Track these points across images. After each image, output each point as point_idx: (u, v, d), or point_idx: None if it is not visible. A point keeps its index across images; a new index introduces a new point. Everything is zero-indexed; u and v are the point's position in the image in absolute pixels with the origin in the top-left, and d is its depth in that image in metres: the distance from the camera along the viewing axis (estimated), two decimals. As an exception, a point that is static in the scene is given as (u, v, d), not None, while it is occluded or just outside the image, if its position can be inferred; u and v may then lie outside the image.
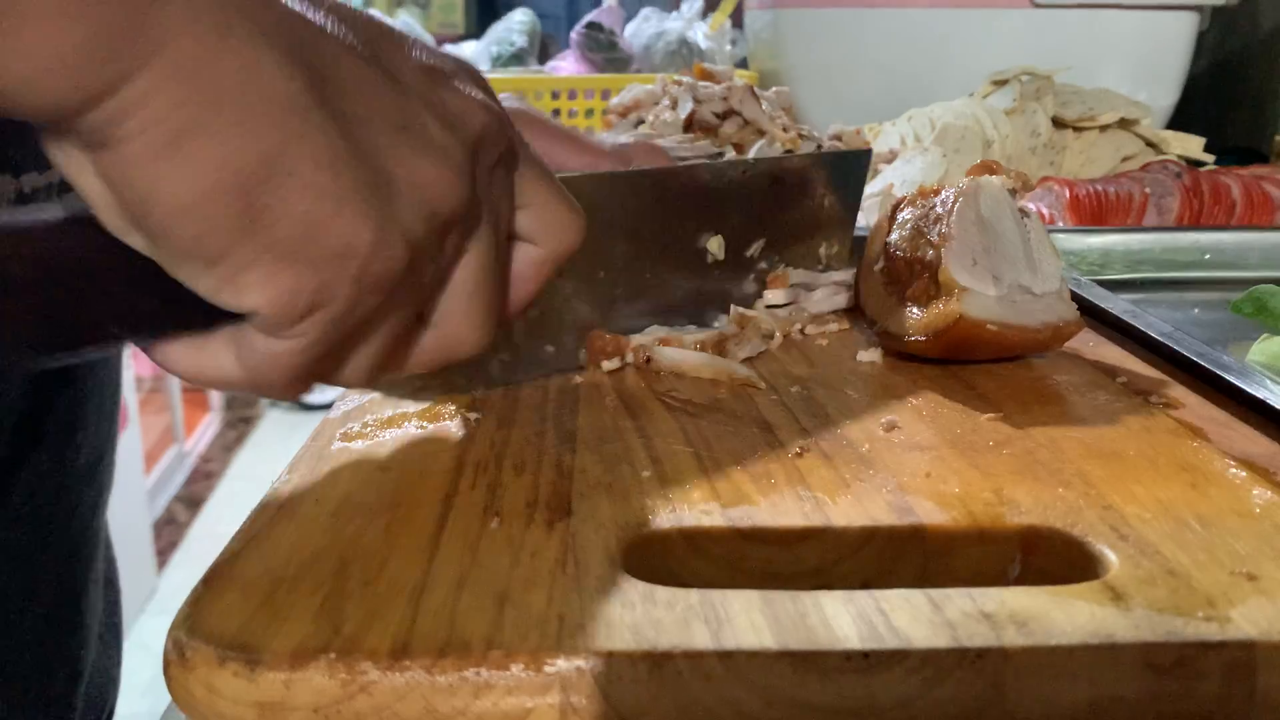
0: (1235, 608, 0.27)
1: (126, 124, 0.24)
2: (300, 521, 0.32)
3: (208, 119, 0.24)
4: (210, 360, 0.30)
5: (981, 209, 0.47)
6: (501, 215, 0.33)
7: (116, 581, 0.59)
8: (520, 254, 0.35)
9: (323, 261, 0.27)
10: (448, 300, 0.32)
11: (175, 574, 2.58)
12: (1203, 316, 0.60)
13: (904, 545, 0.32)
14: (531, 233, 0.34)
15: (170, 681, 0.26)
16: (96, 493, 0.53)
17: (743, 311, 0.50)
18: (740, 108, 0.92)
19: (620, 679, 0.25)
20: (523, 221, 0.34)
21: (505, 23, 1.67)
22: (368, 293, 0.28)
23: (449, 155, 0.29)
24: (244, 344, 0.29)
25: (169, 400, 3.15)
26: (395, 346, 0.32)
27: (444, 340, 0.33)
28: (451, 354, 0.33)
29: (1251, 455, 0.37)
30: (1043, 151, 0.93)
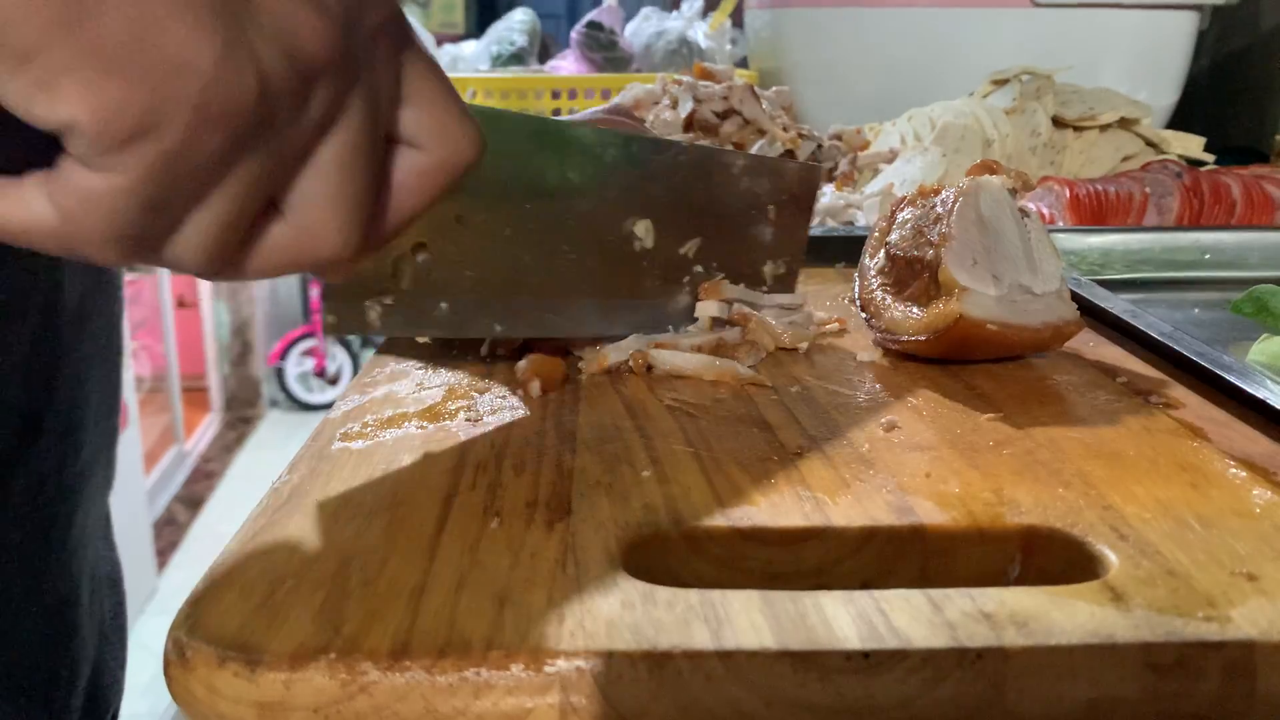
0: (1235, 608, 0.27)
1: None
2: (300, 522, 0.32)
3: None
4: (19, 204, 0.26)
5: (981, 209, 0.47)
6: (380, 94, 0.28)
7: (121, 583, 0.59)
8: (403, 159, 0.30)
9: (155, 74, 0.24)
10: (308, 180, 0.28)
11: (175, 574, 2.58)
12: (1203, 316, 0.60)
13: (904, 545, 0.32)
14: (417, 135, 0.30)
15: (170, 681, 0.26)
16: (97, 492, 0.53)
17: (746, 311, 0.50)
18: (740, 107, 0.92)
19: (620, 679, 0.25)
20: (408, 120, 0.30)
21: (505, 22, 1.67)
22: (207, 127, 0.24)
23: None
24: (59, 183, 0.25)
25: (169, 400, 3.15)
26: (239, 222, 0.27)
27: (301, 234, 0.28)
28: (309, 253, 0.28)
29: (1251, 455, 0.37)
30: (1043, 151, 0.93)
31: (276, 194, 0.27)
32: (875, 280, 0.50)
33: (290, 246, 0.28)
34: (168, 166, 0.25)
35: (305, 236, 0.28)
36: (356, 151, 0.28)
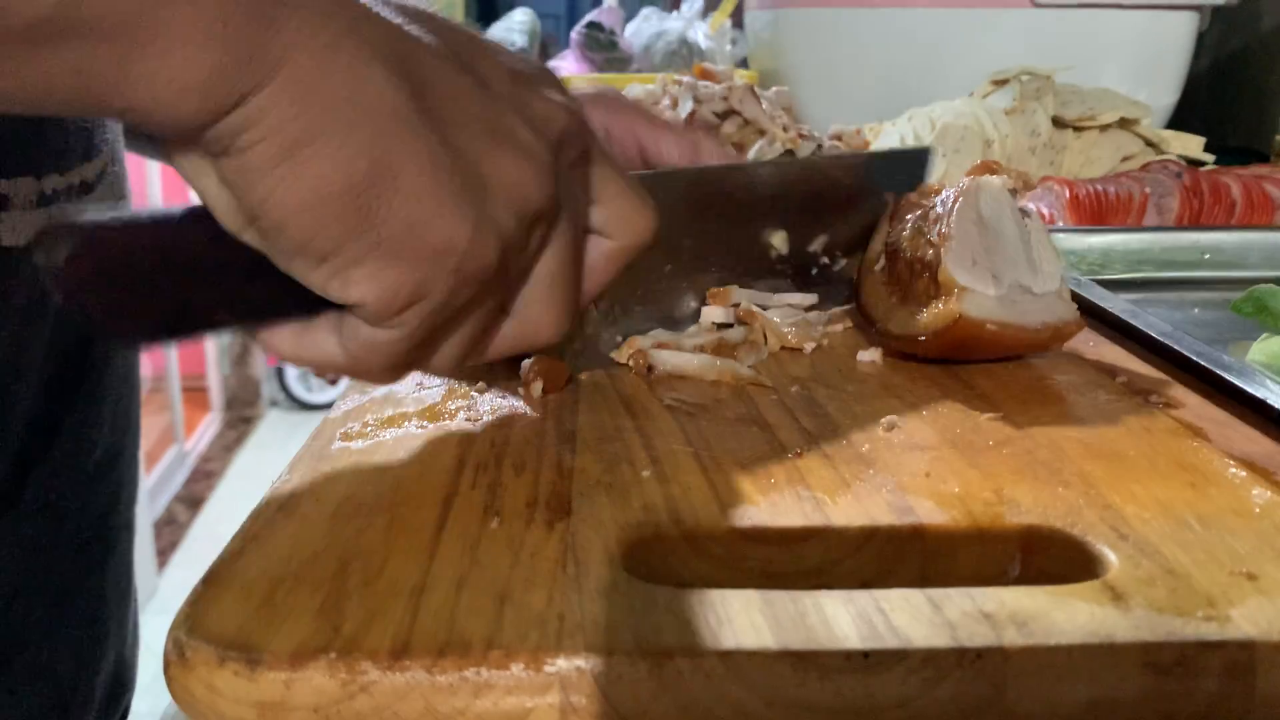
0: (1235, 608, 0.27)
1: (247, 135, 0.26)
2: (300, 521, 0.32)
3: (320, 129, 0.27)
4: (314, 345, 0.32)
5: (981, 209, 0.47)
6: (580, 210, 0.35)
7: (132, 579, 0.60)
8: (593, 246, 0.37)
9: (424, 258, 0.29)
10: (529, 290, 0.34)
11: (175, 574, 2.58)
12: (1203, 316, 0.60)
13: (904, 545, 0.32)
14: (605, 226, 0.36)
15: (170, 681, 0.26)
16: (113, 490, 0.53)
17: (752, 309, 0.50)
18: (740, 107, 0.92)
19: (620, 679, 0.25)
20: (597, 215, 0.36)
21: (505, 22, 1.67)
22: (463, 285, 0.30)
23: (535, 155, 0.31)
24: (347, 331, 0.31)
25: (169, 400, 3.15)
26: (482, 338, 0.34)
27: (524, 328, 0.35)
28: (529, 341, 0.35)
29: (1251, 455, 0.37)
30: (1043, 151, 0.93)
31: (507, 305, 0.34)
32: (875, 280, 0.50)
33: (515, 338, 0.35)
34: (433, 318, 0.31)
35: (528, 330, 0.35)
36: (565, 264, 0.34)
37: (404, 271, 0.29)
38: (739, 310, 0.50)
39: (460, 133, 0.30)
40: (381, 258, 0.29)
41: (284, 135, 0.26)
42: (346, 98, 0.27)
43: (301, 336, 0.32)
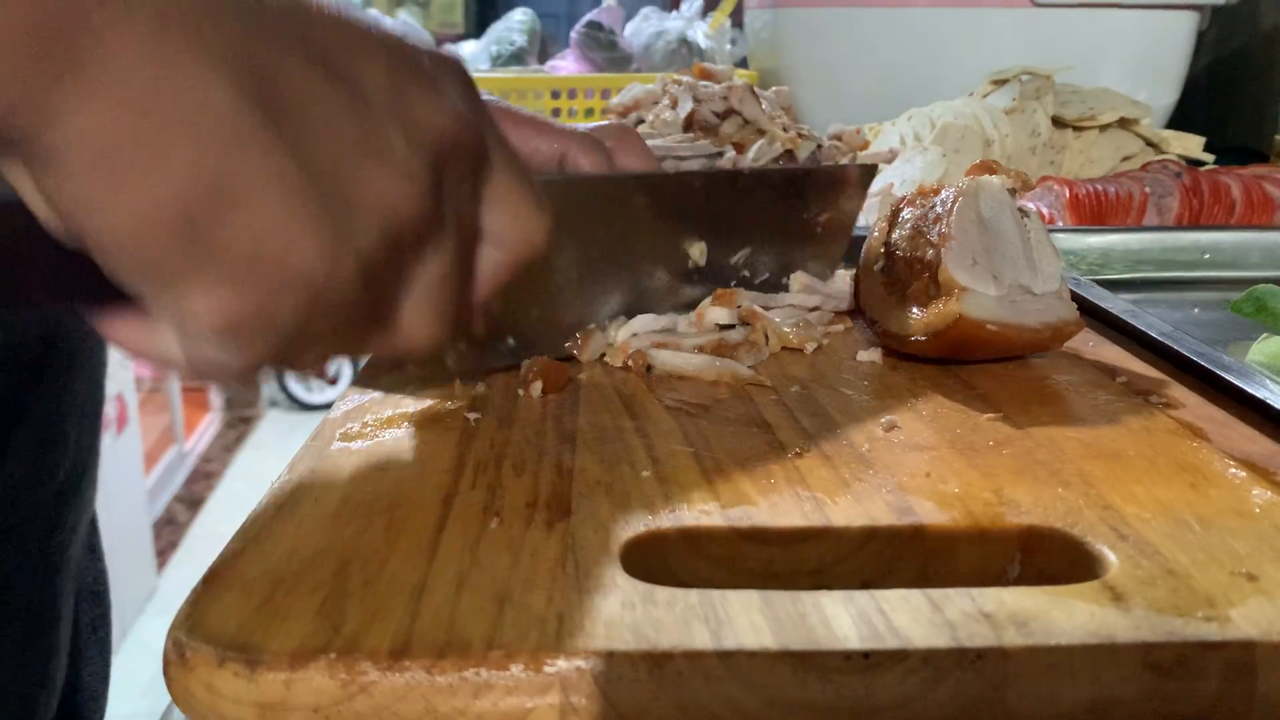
0: (1235, 608, 0.27)
1: (55, 134, 0.23)
2: (300, 521, 0.32)
3: (144, 140, 0.24)
4: (154, 341, 0.29)
5: (981, 209, 0.47)
6: (466, 223, 0.32)
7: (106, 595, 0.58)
8: (485, 252, 0.34)
9: (271, 284, 0.26)
10: (406, 301, 0.31)
11: (175, 574, 2.58)
12: (1203, 316, 0.60)
13: (904, 545, 0.32)
14: (493, 233, 0.33)
15: (170, 681, 0.26)
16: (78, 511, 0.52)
17: (754, 309, 0.50)
18: (740, 107, 0.92)
19: (620, 679, 0.25)
20: (488, 222, 0.33)
21: (505, 22, 1.67)
22: (318, 310, 0.27)
23: (409, 169, 0.28)
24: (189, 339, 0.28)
25: (169, 400, 3.15)
26: (349, 352, 0.32)
27: (399, 338, 0.32)
28: (403, 348, 0.32)
29: (1251, 455, 0.37)
30: (1043, 151, 0.93)
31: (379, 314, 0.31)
32: (875, 280, 0.50)
33: (388, 345, 0.32)
34: (281, 342, 0.28)
35: (403, 340, 0.32)
36: (445, 279, 0.31)
37: (246, 297, 0.26)
38: (741, 310, 0.50)
39: (320, 150, 0.26)
40: (220, 281, 0.26)
41: (97, 140, 0.23)
42: (179, 108, 0.24)
43: (144, 330, 0.29)
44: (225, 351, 0.28)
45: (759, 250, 0.53)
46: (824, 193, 0.54)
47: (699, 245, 0.50)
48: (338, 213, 0.27)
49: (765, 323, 0.49)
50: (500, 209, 0.33)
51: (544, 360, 0.45)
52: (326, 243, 0.27)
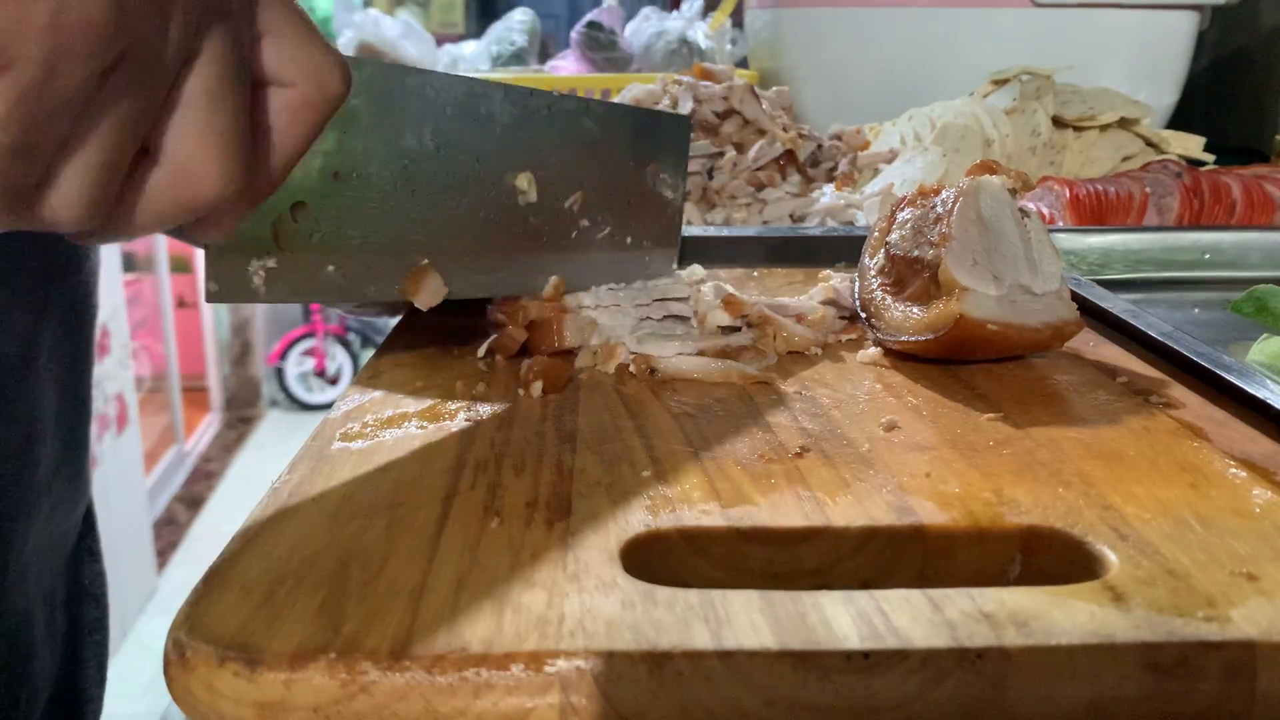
0: (1235, 608, 0.27)
1: None
2: (300, 521, 0.32)
3: None
4: None
5: (981, 209, 0.47)
6: (242, 24, 0.28)
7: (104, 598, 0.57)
8: (271, 98, 0.29)
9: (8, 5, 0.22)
10: (179, 117, 0.27)
11: (175, 574, 2.58)
12: (1203, 316, 0.60)
13: (904, 545, 0.32)
14: (282, 71, 0.29)
15: (170, 681, 0.26)
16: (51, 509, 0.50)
17: (765, 313, 0.50)
18: (740, 107, 0.92)
19: (620, 679, 0.25)
20: (270, 57, 0.29)
21: (505, 22, 1.67)
22: (67, 54, 0.23)
23: None
24: None
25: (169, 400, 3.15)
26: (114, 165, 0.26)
27: (177, 175, 0.27)
28: (188, 195, 0.27)
29: (1251, 455, 0.37)
30: (1043, 151, 0.93)
31: (148, 137, 0.27)
32: (875, 280, 0.50)
33: (169, 191, 0.27)
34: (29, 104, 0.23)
35: (182, 177, 0.27)
36: (223, 82, 0.27)
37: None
38: (752, 314, 0.49)
39: None
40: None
41: None
42: None
43: None
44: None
45: (593, 197, 0.50)
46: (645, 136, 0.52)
47: (526, 175, 0.47)
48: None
49: (776, 327, 0.49)
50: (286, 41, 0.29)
51: (544, 360, 0.45)
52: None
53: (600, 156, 0.50)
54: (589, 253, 0.50)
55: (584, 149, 0.49)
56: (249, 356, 3.79)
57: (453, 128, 0.44)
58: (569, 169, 0.49)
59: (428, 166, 0.43)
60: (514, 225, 0.47)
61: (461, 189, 0.45)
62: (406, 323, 0.54)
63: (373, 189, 0.42)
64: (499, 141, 0.46)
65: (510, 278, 0.48)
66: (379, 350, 0.50)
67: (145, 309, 3.11)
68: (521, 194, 0.47)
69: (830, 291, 0.55)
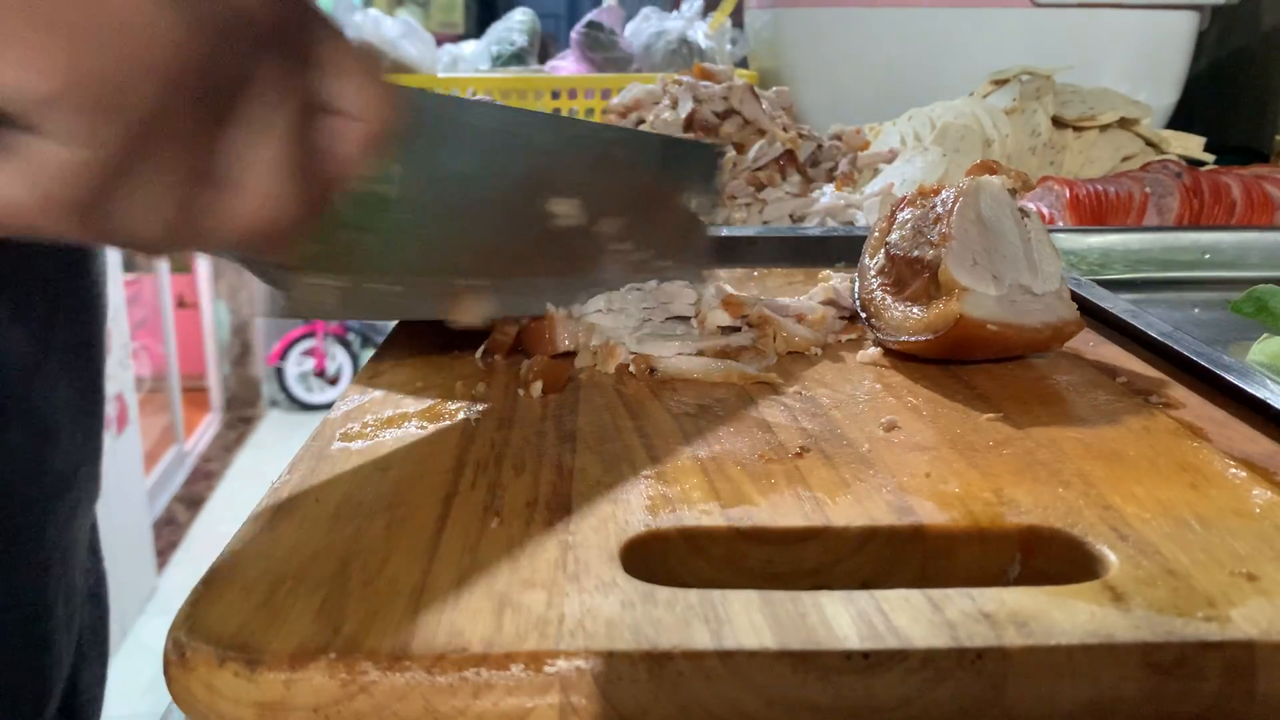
0: (1235, 608, 0.27)
1: None
2: (300, 521, 0.32)
3: None
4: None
5: (981, 209, 0.47)
6: (313, 65, 0.30)
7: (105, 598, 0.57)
8: (330, 126, 0.32)
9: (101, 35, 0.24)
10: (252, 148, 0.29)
11: (175, 574, 2.58)
12: (1203, 316, 0.60)
13: (904, 545, 0.32)
14: (340, 102, 0.32)
15: (170, 681, 0.26)
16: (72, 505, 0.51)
17: (765, 313, 0.50)
18: (740, 107, 0.92)
19: (620, 679, 0.25)
20: (331, 89, 0.31)
21: (505, 22, 1.67)
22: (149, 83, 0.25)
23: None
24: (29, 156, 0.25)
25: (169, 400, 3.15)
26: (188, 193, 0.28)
27: (244, 199, 0.29)
28: (253, 217, 0.30)
29: (1251, 455, 0.37)
30: (1043, 151, 0.93)
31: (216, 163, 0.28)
32: (875, 280, 0.50)
33: (235, 212, 0.29)
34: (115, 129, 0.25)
35: (249, 199, 0.29)
36: (287, 111, 0.29)
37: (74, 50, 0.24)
38: (751, 315, 0.49)
39: None
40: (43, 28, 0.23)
41: None
42: None
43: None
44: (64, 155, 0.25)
45: (629, 221, 0.51)
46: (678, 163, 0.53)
47: (566, 200, 0.49)
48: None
49: (776, 327, 0.49)
50: (344, 75, 0.31)
51: (544, 360, 0.45)
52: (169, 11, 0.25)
53: (635, 183, 0.52)
54: (623, 275, 0.52)
55: (620, 175, 0.51)
56: (249, 356, 3.79)
57: (496, 155, 0.46)
58: (605, 194, 0.50)
59: (472, 192, 0.45)
60: (552, 248, 0.49)
61: (504, 214, 0.47)
62: (407, 323, 0.54)
63: (420, 213, 0.44)
64: (540, 168, 0.47)
65: (548, 299, 0.49)
66: (379, 350, 0.50)
67: (145, 309, 3.11)
68: (561, 218, 0.49)
69: (830, 291, 0.55)
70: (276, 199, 0.30)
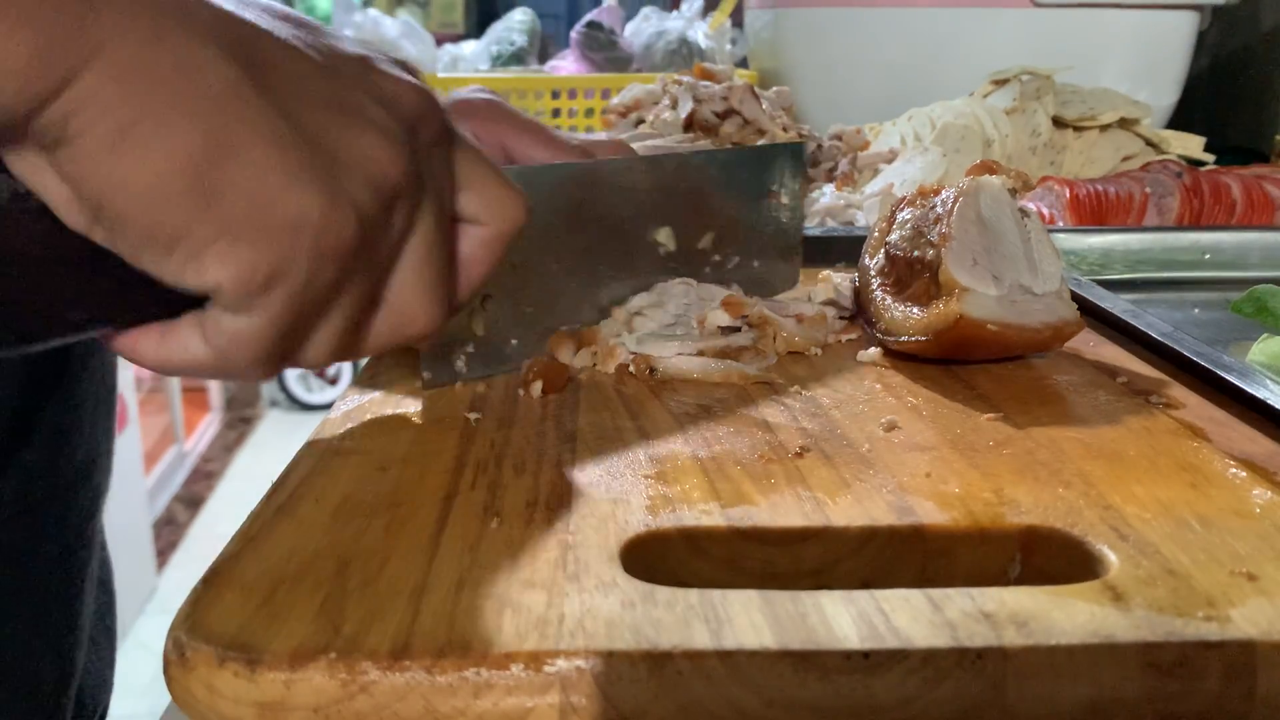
0: (1235, 608, 0.27)
1: (76, 121, 0.26)
2: (300, 521, 0.32)
3: (152, 109, 0.27)
4: (177, 346, 0.31)
5: (981, 209, 0.47)
6: (444, 191, 0.34)
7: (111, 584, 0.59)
8: (467, 235, 0.36)
9: (278, 234, 0.29)
10: (399, 276, 0.33)
11: (175, 574, 2.58)
12: (1203, 316, 0.60)
13: (904, 545, 0.32)
14: (476, 213, 0.36)
15: (170, 681, 0.26)
16: (91, 495, 0.53)
17: (764, 313, 0.50)
18: (740, 107, 0.92)
19: (620, 679, 0.25)
20: (466, 202, 0.35)
21: (505, 22, 1.67)
22: (324, 263, 0.30)
23: (387, 130, 0.31)
24: (210, 326, 0.30)
25: (169, 400, 3.15)
26: (354, 326, 0.33)
27: (398, 317, 0.34)
28: (406, 331, 0.34)
29: (1251, 455, 0.37)
30: (1043, 151, 0.93)
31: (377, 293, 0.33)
32: (875, 280, 0.50)
33: (391, 329, 0.34)
34: (296, 300, 0.30)
35: (403, 319, 0.34)
36: (433, 246, 0.33)
37: (258, 249, 0.28)
38: (751, 315, 0.49)
39: (305, 108, 0.29)
40: (233, 237, 0.28)
41: (113, 118, 0.26)
42: (175, 78, 0.27)
43: (165, 339, 0.32)
44: (248, 326, 0.30)
45: (722, 234, 0.55)
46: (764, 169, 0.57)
47: (665, 230, 0.52)
48: (328, 163, 0.29)
49: (776, 327, 0.49)
50: (474, 186, 0.35)
51: (544, 360, 0.45)
52: (322, 190, 0.29)
53: (725, 197, 0.56)
54: (722, 282, 0.55)
55: (711, 195, 0.55)
56: (249, 356, 3.78)
57: (602, 203, 0.50)
58: (699, 215, 0.54)
59: (585, 242, 0.50)
60: (656, 273, 0.53)
61: (612, 253, 0.51)
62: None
63: (542, 270, 0.48)
64: (639, 206, 0.52)
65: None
66: (379, 350, 0.50)
67: (145, 309, 3.10)
68: (662, 246, 0.53)
69: (830, 291, 0.55)
70: (425, 314, 0.34)
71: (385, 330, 0.34)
